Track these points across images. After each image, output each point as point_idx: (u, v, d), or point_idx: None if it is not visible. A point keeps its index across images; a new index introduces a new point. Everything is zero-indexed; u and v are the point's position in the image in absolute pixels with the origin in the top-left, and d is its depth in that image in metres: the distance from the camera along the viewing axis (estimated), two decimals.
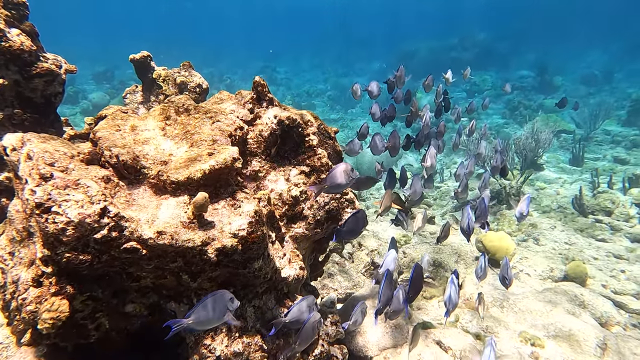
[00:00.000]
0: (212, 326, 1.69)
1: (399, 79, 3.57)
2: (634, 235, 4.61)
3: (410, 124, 3.66)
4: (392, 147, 3.19)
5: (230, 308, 1.70)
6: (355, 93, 3.73)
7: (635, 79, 17.55)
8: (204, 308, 1.60)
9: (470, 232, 2.63)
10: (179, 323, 1.52)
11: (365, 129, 3.44)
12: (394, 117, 3.61)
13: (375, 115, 3.41)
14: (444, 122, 3.86)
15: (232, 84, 18.09)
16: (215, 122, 2.34)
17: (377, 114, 3.39)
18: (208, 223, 1.88)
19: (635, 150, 8.87)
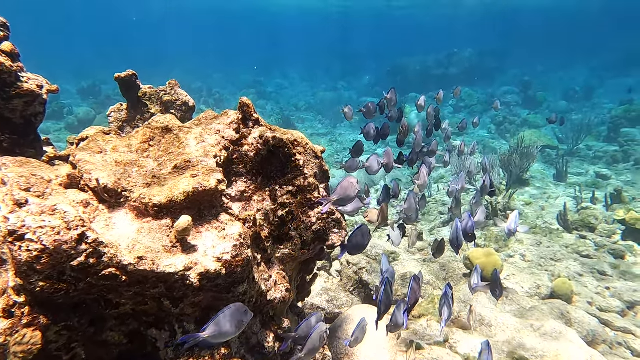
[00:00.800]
0: (227, 339, 1.69)
1: (389, 101, 3.64)
2: (617, 252, 4.68)
3: (401, 143, 3.70)
4: (386, 165, 3.26)
5: (245, 321, 1.74)
6: (347, 115, 3.77)
7: (614, 95, 18.11)
8: (220, 321, 1.63)
9: (459, 245, 2.70)
10: (194, 337, 1.54)
11: (360, 147, 3.44)
12: (387, 135, 3.65)
13: (369, 134, 3.42)
14: (436, 141, 3.95)
15: (221, 98, 18.11)
16: (200, 142, 2.32)
17: (371, 133, 3.41)
18: (191, 247, 1.84)
19: (616, 166, 9.09)
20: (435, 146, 3.91)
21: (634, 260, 4.58)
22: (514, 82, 19.89)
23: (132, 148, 2.10)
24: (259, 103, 19.52)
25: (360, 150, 3.41)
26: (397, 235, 3.13)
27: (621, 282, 3.99)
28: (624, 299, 3.72)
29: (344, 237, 2.54)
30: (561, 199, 6.79)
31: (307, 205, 2.52)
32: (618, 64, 24.50)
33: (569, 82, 21.60)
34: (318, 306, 3.41)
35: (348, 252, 2.41)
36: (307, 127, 16.00)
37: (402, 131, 3.67)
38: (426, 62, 21.55)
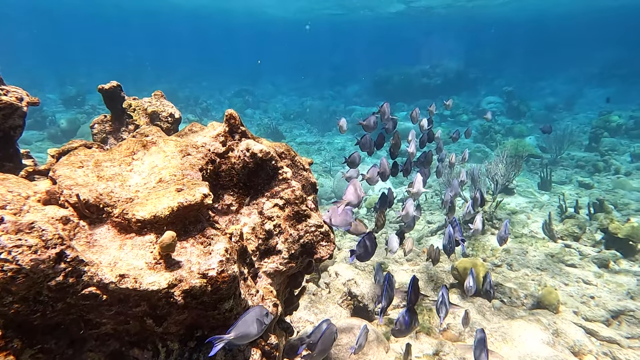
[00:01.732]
0: (250, 340, 1.80)
1: (383, 114, 3.73)
2: (601, 261, 4.76)
3: (394, 155, 3.75)
4: (382, 174, 3.39)
5: (266, 322, 1.85)
6: (341, 128, 3.81)
7: (594, 106, 18.64)
8: (243, 323, 1.75)
9: (451, 250, 2.85)
10: (221, 339, 1.65)
11: (357, 157, 3.52)
12: (382, 146, 3.72)
13: (365, 146, 3.50)
14: (431, 151, 4.08)
15: (208, 107, 18.01)
16: (185, 155, 2.29)
17: (367, 145, 3.50)
18: (175, 263, 1.80)
19: (598, 175, 9.31)
20: (430, 156, 4.02)
21: (617, 268, 4.66)
22: (498, 92, 20.31)
23: (115, 162, 2.05)
24: (247, 112, 19.49)
25: (356, 161, 3.49)
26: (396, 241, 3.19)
27: (605, 291, 4.05)
28: (609, 308, 3.77)
29: (332, 251, 2.52)
30: (546, 207, 6.91)
31: (295, 218, 2.49)
32: (597, 74, 25.30)
33: (551, 93, 22.16)
34: (306, 319, 3.37)
35: (357, 258, 2.54)
36: (295, 135, 16.02)
37: (393, 143, 3.73)
38: (412, 73, 21.89)
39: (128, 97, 3.41)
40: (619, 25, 35.57)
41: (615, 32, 35.95)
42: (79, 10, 38.85)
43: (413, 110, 4.32)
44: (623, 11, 30.07)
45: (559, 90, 23.30)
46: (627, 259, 4.89)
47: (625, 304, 3.80)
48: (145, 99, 3.47)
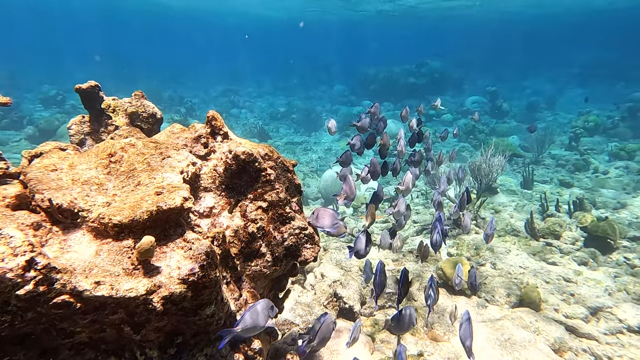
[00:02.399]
0: (257, 332, 1.90)
1: (373, 115, 3.78)
2: (580, 258, 4.86)
3: (384, 155, 3.81)
4: (373, 173, 3.48)
5: (272, 315, 1.93)
6: (330, 130, 3.81)
7: (574, 105, 19.09)
8: (250, 316, 1.84)
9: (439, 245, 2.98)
10: (230, 332, 1.76)
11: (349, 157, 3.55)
12: (372, 146, 3.77)
13: (355, 146, 3.53)
14: (420, 151, 4.15)
15: (193, 107, 17.77)
16: (165, 158, 2.24)
17: (357, 145, 3.52)
18: (154, 269, 1.75)
19: (578, 174, 9.52)
20: (420, 156, 4.10)
21: (595, 266, 4.77)
22: (482, 92, 20.61)
23: (91, 164, 1.99)
24: (233, 111, 19.30)
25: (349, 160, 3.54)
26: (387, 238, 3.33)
27: (585, 288, 4.13)
28: (588, 304, 3.85)
29: (316, 253, 2.50)
30: (528, 206, 7.03)
31: (279, 221, 2.46)
32: (576, 75, 25.94)
33: (533, 93, 22.61)
34: (291, 322, 3.34)
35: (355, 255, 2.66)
36: (281, 135, 15.94)
37: (382, 144, 3.76)
38: (397, 72, 22.02)
39: (107, 98, 3.32)
40: (597, 27, 36.55)
41: (593, 34, 36.93)
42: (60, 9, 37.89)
43: (403, 109, 4.36)
44: (602, 14, 30.90)
45: (541, 90, 23.79)
46: (605, 256, 5.01)
47: (603, 300, 3.89)
48: (125, 99, 3.39)
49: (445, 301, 3.82)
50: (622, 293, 4.10)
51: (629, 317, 3.63)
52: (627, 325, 3.58)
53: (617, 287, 4.19)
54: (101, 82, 3.32)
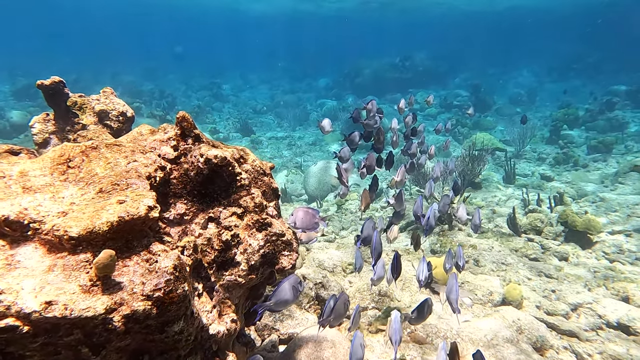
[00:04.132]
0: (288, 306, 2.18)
1: (369, 112, 3.84)
2: (561, 254, 4.90)
3: (380, 150, 3.87)
4: (368, 167, 3.59)
5: (300, 289, 2.10)
6: (324, 129, 3.75)
7: (554, 98, 19.41)
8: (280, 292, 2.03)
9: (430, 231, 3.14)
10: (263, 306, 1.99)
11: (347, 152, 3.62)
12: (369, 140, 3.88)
13: (353, 142, 3.59)
14: (416, 144, 4.30)
15: (174, 101, 17.37)
16: (131, 162, 2.09)
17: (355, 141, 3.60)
18: (115, 285, 1.62)
19: (558, 168, 9.66)
20: (415, 149, 4.26)
21: (576, 261, 4.82)
22: (465, 86, 20.75)
23: (46, 170, 1.83)
24: (216, 105, 18.96)
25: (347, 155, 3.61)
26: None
27: (565, 284, 4.17)
28: (568, 301, 3.88)
29: (294, 260, 2.40)
30: (510, 201, 7.08)
31: (255, 227, 2.35)
32: (556, 68, 26.38)
33: (515, 87, 22.89)
34: (272, 327, 3.25)
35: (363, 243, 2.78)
36: (265, 130, 15.73)
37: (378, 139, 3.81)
38: (382, 66, 21.98)
39: (73, 94, 3.14)
40: (575, 21, 37.19)
41: (571, 28, 37.55)
42: None
43: (400, 101, 4.46)
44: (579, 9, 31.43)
45: (522, 83, 24.13)
46: (585, 251, 5.07)
47: (583, 296, 3.92)
48: (93, 96, 3.21)
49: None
50: (601, 289, 4.14)
51: (608, 312, 3.67)
52: (607, 320, 3.61)
53: (596, 282, 4.24)
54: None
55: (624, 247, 5.04)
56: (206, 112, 16.76)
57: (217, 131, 14.34)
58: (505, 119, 15.61)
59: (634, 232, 5.41)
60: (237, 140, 14.05)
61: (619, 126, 12.82)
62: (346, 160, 3.63)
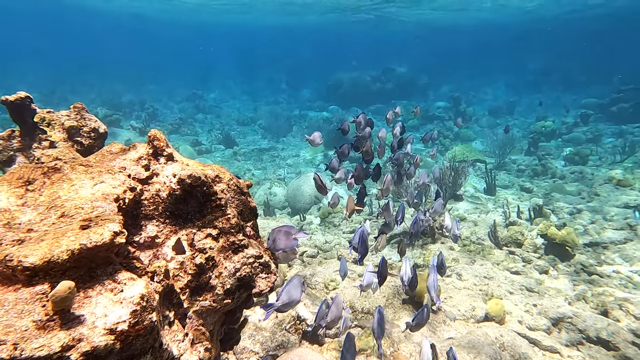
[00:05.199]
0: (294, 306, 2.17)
1: (358, 124, 3.99)
2: (542, 267, 4.95)
3: (369, 162, 3.99)
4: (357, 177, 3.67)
5: (304, 289, 2.19)
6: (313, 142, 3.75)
7: (531, 111, 19.96)
8: (287, 293, 2.12)
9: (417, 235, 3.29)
10: (271, 306, 2.06)
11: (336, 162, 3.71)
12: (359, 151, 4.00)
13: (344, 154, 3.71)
14: (402, 154, 4.44)
15: (155, 112, 17.09)
16: (98, 183, 1.98)
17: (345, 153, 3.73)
18: (75, 318, 1.50)
19: (537, 179, 9.86)
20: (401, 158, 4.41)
21: (555, 274, 4.87)
22: (446, 98, 21.15)
23: (2, 195, 1.71)
24: (198, 117, 18.75)
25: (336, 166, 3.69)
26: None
27: (546, 298, 4.18)
28: (549, 315, 3.89)
29: (272, 283, 2.31)
30: (491, 213, 7.15)
31: (231, 249, 2.26)
32: (532, 82, 27.26)
33: (494, 99, 23.47)
34: (251, 350, 3.13)
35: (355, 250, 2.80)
36: (248, 142, 15.61)
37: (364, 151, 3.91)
38: (364, 77, 22.23)
39: (41, 110, 3.01)
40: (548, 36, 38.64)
41: (544, 42, 38.99)
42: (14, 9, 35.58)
43: (388, 112, 4.67)
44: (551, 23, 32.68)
45: (501, 96, 24.78)
46: (564, 264, 5.13)
47: (563, 310, 3.94)
48: (62, 112, 3.08)
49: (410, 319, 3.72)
50: (581, 302, 4.17)
51: (587, 327, 3.68)
52: (587, 335, 3.62)
53: (576, 295, 4.27)
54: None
55: (602, 259, 5.12)
56: (188, 124, 16.55)
57: (200, 143, 14.14)
58: (485, 131, 15.92)
59: (610, 244, 5.52)
60: (220, 151, 13.88)
61: (593, 138, 13.23)
62: (336, 171, 3.72)
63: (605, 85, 21.92)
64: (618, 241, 5.57)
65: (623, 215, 6.41)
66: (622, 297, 4.12)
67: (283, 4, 23.96)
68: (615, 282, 4.61)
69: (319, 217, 7.69)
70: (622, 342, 3.50)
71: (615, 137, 13.74)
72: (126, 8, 27.77)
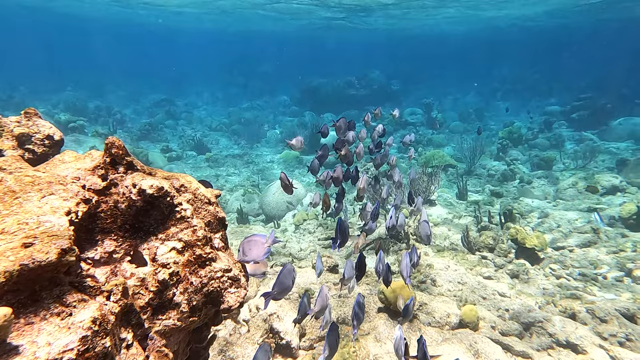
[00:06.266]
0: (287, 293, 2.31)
1: (338, 129, 4.03)
2: (512, 272, 5.04)
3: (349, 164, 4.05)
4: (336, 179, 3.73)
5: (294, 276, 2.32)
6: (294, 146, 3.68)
7: (499, 117, 20.66)
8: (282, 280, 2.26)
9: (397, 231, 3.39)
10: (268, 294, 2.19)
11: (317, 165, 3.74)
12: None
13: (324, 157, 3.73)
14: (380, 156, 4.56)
15: (123, 118, 16.50)
16: (46, 195, 1.82)
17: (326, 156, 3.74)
18: (12, 350, 1.34)
19: (506, 184, 10.14)
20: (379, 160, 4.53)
21: (526, 278, 4.97)
22: (418, 104, 21.57)
23: None
24: (168, 123, 18.25)
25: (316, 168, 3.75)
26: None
27: (518, 303, 4.25)
28: (521, 320, 3.94)
29: (242, 298, 2.19)
30: (464, 218, 7.26)
31: (197, 263, 2.12)
32: (498, 89, 28.30)
33: (463, 105, 24.14)
34: None
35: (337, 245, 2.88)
36: (221, 148, 15.30)
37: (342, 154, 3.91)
38: (339, 83, 22.37)
39: None
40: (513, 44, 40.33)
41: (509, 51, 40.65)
42: None
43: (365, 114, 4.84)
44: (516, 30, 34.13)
45: (470, 102, 25.54)
46: (534, 268, 5.24)
47: (534, 315, 4.00)
48: (11, 117, 2.85)
49: (387, 329, 3.67)
50: (550, 306, 4.26)
51: (557, 331, 3.75)
52: (557, 339, 3.68)
53: (545, 299, 4.36)
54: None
55: (568, 262, 5.27)
56: (158, 130, 16.06)
57: (170, 149, 13.73)
58: (456, 136, 16.31)
59: (576, 247, 5.70)
60: (192, 158, 13.53)
61: (557, 144, 13.79)
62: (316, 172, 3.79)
63: (566, 93, 23.01)
64: (583, 244, 5.76)
65: (587, 219, 6.66)
66: (588, 300, 4.23)
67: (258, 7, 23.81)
68: (581, 285, 4.75)
69: (293, 224, 7.57)
70: (589, 345, 3.58)
71: (576, 142, 14.38)
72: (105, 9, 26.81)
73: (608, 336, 3.61)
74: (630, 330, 3.66)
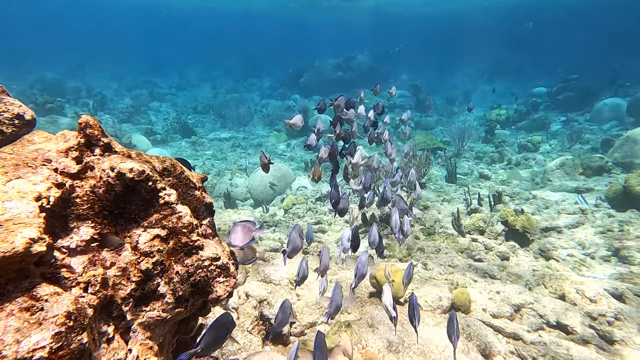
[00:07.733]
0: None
1: (337, 107, 4.03)
2: (503, 253, 5.05)
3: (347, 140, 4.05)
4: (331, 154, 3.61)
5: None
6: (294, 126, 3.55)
7: (486, 99, 20.69)
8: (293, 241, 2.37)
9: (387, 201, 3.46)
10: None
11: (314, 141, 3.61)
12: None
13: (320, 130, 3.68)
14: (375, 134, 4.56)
15: (104, 99, 15.93)
16: (12, 179, 1.65)
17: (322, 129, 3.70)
18: None
19: (494, 166, 10.17)
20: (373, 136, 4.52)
21: (516, 260, 4.99)
22: (406, 86, 21.41)
23: None
24: (153, 105, 17.74)
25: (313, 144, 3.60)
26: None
27: (508, 285, 4.26)
28: (512, 302, 3.95)
29: (232, 287, 2.08)
30: (454, 201, 7.25)
31: (183, 251, 2.00)
32: (486, 72, 28.29)
33: (451, 87, 24.10)
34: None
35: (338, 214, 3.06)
36: (207, 131, 14.97)
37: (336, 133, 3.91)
38: (326, 66, 22.01)
39: None
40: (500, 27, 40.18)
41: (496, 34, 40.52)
42: None
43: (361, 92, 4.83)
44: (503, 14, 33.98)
45: (458, 84, 25.50)
46: (524, 249, 5.27)
47: (525, 296, 4.02)
48: None
49: (379, 313, 3.63)
50: (540, 287, 4.28)
51: (547, 312, 3.77)
52: (547, 320, 3.71)
53: (535, 281, 4.38)
54: None
55: (557, 244, 5.31)
56: (141, 112, 15.58)
57: (154, 132, 13.35)
58: (444, 119, 16.27)
59: (565, 228, 5.75)
60: (177, 141, 13.20)
61: (543, 126, 13.88)
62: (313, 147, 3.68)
63: (551, 76, 23.12)
64: (571, 225, 5.81)
65: (574, 200, 6.72)
66: (577, 280, 4.27)
67: None
68: (570, 266, 4.79)
69: (282, 208, 7.46)
70: (579, 325, 3.61)
71: (562, 124, 14.50)
72: None
73: (597, 316, 3.64)
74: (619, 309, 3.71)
